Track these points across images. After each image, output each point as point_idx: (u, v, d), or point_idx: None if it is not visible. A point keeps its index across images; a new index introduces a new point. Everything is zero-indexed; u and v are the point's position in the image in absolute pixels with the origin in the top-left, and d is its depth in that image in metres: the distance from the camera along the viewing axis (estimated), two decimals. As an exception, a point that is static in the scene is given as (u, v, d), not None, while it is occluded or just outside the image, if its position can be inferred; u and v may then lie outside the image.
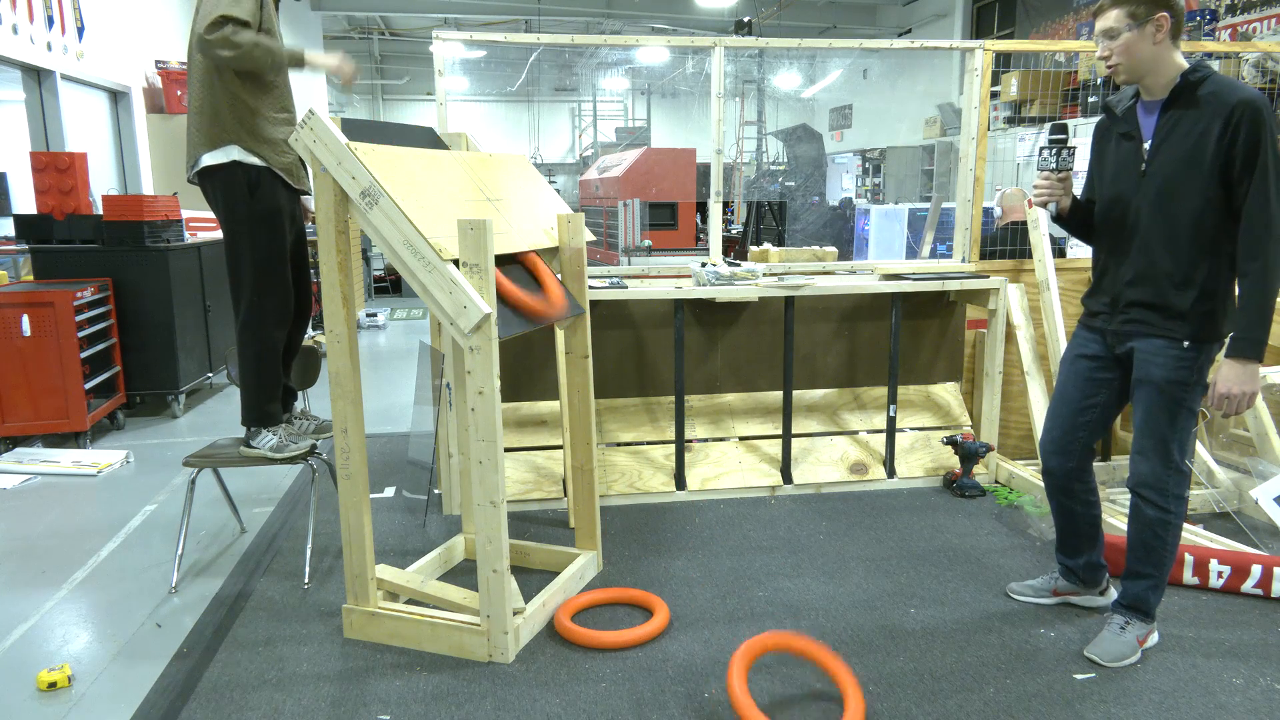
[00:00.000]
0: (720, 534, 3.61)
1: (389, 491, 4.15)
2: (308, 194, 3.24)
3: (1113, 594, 2.94)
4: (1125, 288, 2.50)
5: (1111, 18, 2.38)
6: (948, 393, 4.48)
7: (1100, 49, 2.42)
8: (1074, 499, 2.79)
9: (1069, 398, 2.70)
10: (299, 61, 3.02)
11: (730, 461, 4.13)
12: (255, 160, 3.02)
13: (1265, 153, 2.25)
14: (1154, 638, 2.69)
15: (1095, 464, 4.17)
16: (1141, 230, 2.45)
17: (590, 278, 3.75)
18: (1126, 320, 2.51)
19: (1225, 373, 2.34)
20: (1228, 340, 2.37)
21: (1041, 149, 2.57)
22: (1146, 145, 2.44)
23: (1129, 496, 3.59)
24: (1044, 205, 2.63)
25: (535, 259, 2.84)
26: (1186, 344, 2.41)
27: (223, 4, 2.85)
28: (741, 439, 4.23)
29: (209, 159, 3.02)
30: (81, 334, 4.81)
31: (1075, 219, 2.66)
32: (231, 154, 3.01)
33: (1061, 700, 2.43)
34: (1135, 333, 2.50)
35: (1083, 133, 8.40)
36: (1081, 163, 2.73)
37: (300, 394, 3.55)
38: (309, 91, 12.71)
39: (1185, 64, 2.38)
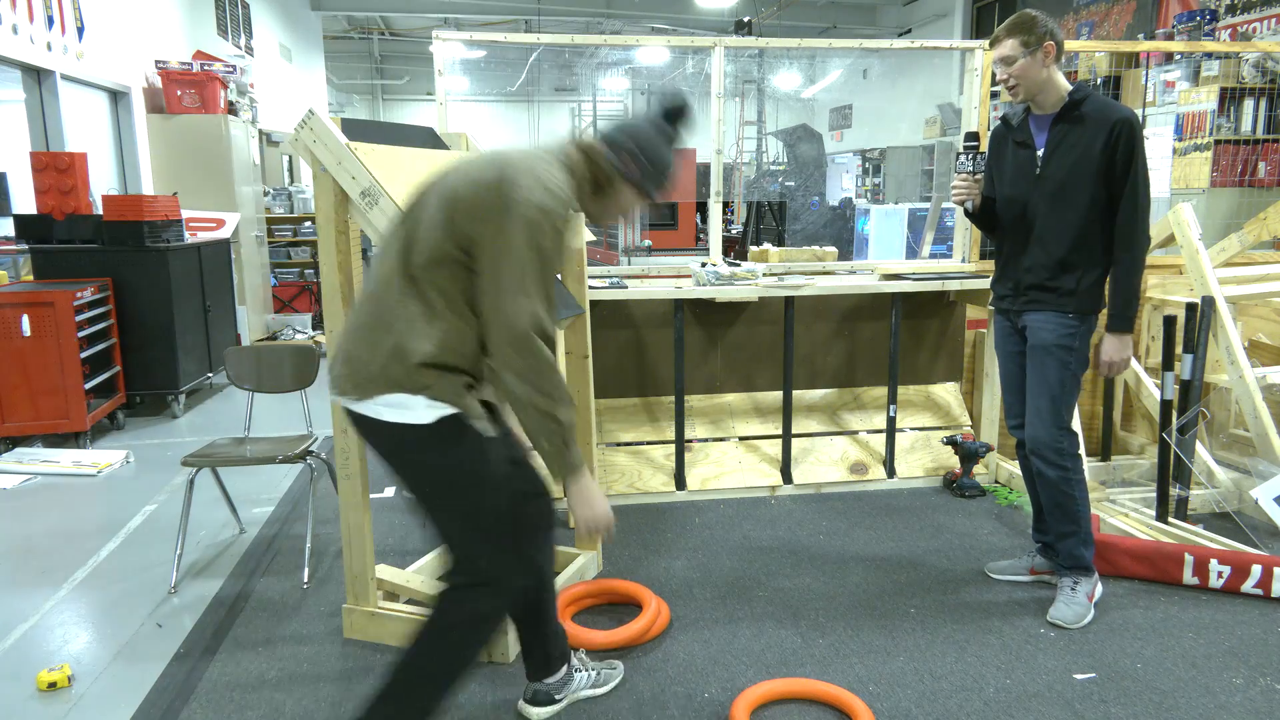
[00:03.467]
0: (720, 534, 3.61)
1: (389, 491, 4.15)
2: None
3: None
4: (1024, 273, 2.86)
5: (1007, 46, 2.72)
6: (948, 393, 4.48)
7: (1000, 73, 2.77)
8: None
9: (1015, 377, 3.01)
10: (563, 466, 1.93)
11: (730, 461, 4.13)
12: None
13: (1137, 161, 2.66)
14: (1099, 589, 2.96)
15: (1095, 464, 4.19)
16: (1038, 225, 2.81)
17: (590, 278, 3.75)
18: (1027, 301, 2.87)
19: (1106, 344, 2.79)
20: (1106, 319, 2.77)
21: (958, 154, 2.90)
22: (1040, 153, 2.80)
23: (1127, 496, 3.64)
24: (961, 204, 2.93)
25: None
26: (1071, 315, 2.79)
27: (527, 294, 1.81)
28: (741, 439, 4.23)
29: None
30: (81, 334, 4.81)
31: (984, 215, 2.99)
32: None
33: (1061, 700, 2.43)
34: (1030, 309, 2.87)
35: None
36: None
37: (302, 394, 3.55)
38: (309, 91, 12.71)
39: (1068, 85, 2.75)
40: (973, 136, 2.89)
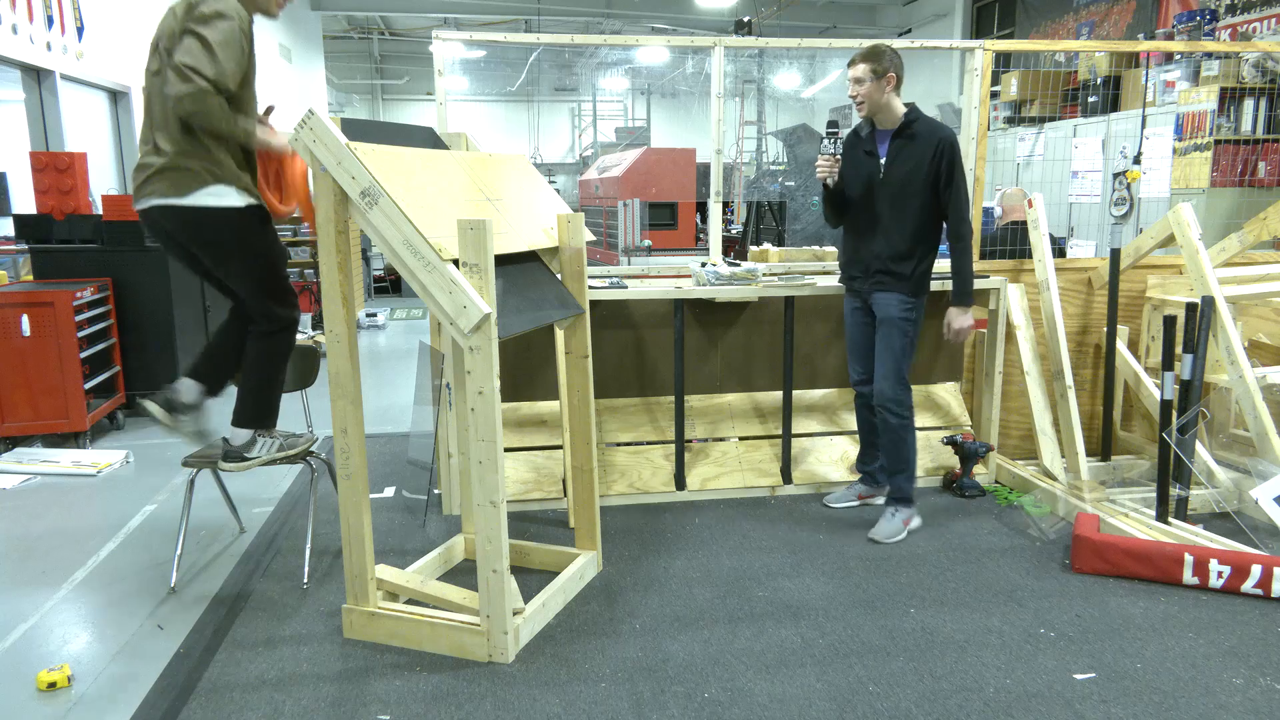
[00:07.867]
0: (720, 534, 3.61)
1: (389, 491, 4.15)
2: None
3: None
4: (872, 259, 3.54)
5: (861, 70, 3.39)
6: (948, 393, 4.48)
7: (851, 90, 3.44)
8: (875, 415, 3.62)
9: (859, 340, 3.70)
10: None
11: (730, 461, 4.13)
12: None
13: (958, 173, 3.41)
14: (915, 521, 3.63)
15: (1095, 464, 4.20)
16: (882, 222, 3.49)
17: (590, 278, 3.75)
18: (873, 283, 3.55)
19: (951, 314, 3.58)
20: (951, 297, 3.56)
21: (823, 138, 3.52)
22: (883, 162, 3.48)
23: (1127, 496, 3.68)
24: (823, 179, 3.53)
25: None
26: (909, 295, 3.50)
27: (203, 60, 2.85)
28: (741, 439, 4.23)
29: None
30: (81, 334, 4.81)
31: (836, 198, 3.63)
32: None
33: (1061, 700, 2.43)
34: (878, 289, 3.54)
35: (1082, 133, 8.40)
36: None
37: (302, 394, 3.55)
38: (309, 91, 12.70)
39: (904, 109, 3.44)
40: (834, 124, 3.53)
